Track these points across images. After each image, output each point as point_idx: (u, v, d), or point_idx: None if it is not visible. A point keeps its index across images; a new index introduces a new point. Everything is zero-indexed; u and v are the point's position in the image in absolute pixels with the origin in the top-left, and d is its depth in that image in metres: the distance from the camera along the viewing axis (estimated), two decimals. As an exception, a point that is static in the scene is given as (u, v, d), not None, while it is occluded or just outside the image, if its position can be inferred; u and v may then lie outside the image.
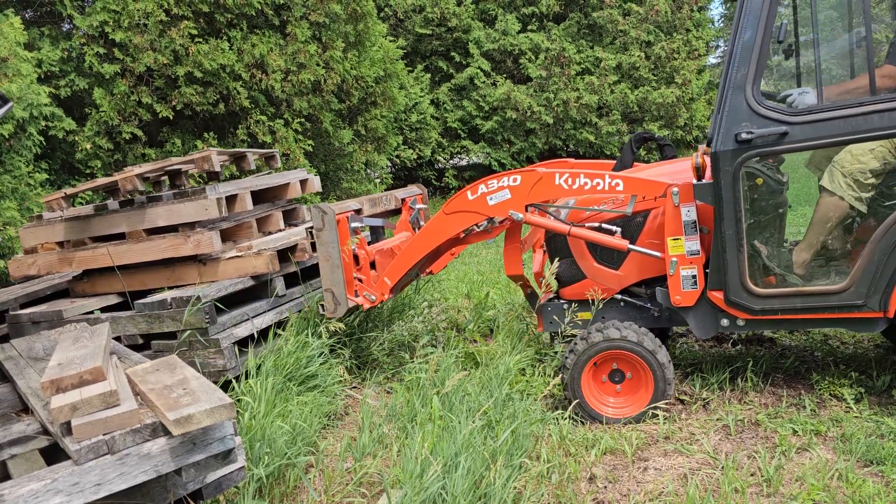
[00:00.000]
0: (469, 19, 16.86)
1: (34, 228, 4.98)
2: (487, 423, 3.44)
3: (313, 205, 4.15)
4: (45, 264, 4.93)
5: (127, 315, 4.19)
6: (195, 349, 3.97)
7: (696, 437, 3.53)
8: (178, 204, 4.40)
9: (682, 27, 17.69)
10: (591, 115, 16.69)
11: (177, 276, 4.56)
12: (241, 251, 4.42)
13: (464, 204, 4.05)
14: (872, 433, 3.35)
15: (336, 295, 4.21)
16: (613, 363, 3.77)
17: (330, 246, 4.17)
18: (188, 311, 3.92)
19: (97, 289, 4.81)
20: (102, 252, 4.62)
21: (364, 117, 11.20)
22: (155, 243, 4.47)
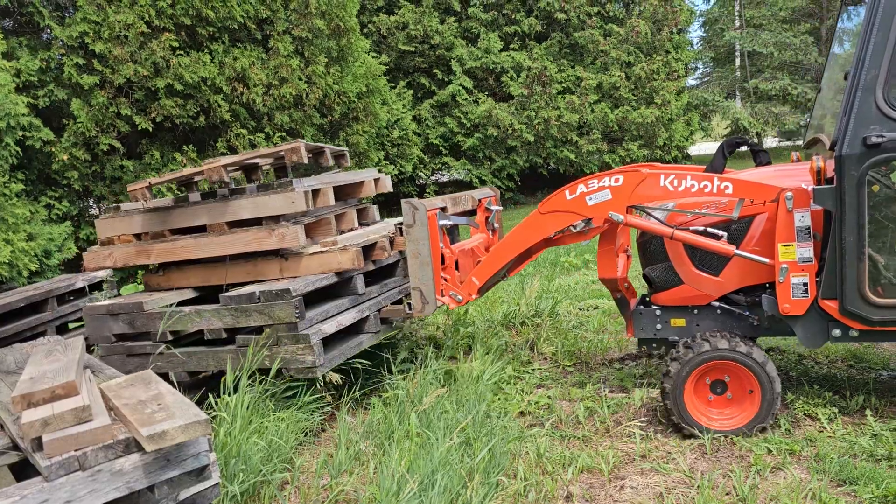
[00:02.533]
0: (452, 37, 16.98)
1: (111, 219, 4.83)
2: (465, 441, 3.43)
3: (405, 200, 4.01)
4: (122, 256, 4.80)
5: (212, 308, 4.08)
6: (282, 344, 3.88)
7: (672, 455, 3.54)
8: (263, 196, 4.28)
9: (662, 49, 17.95)
10: (572, 133, 16.84)
11: (258, 270, 4.45)
12: (325, 246, 4.30)
13: (561, 204, 3.90)
14: (846, 453, 3.38)
15: (424, 293, 4.07)
16: (717, 374, 3.65)
17: (420, 243, 4.04)
18: (278, 306, 3.82)
19: (173, 282, 4.71)
20: (183, 244, 4.51)
21: (346, 132, 11.20)
22: (238, 236, 4.37)
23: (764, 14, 22.10)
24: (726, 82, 24.56)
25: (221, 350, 4.08)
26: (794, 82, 21.13)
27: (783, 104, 21.22)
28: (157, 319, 4.18)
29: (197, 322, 4.09)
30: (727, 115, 21.59)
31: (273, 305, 3.85)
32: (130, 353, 4.30)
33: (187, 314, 4.11)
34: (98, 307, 4.38)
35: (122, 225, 4.80)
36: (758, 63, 23.10)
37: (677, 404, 3.66)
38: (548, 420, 4.03)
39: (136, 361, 4.29)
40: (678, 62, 18.40)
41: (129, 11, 8.16)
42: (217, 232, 4.43)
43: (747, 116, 20.78)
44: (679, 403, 3.66)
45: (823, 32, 21.77)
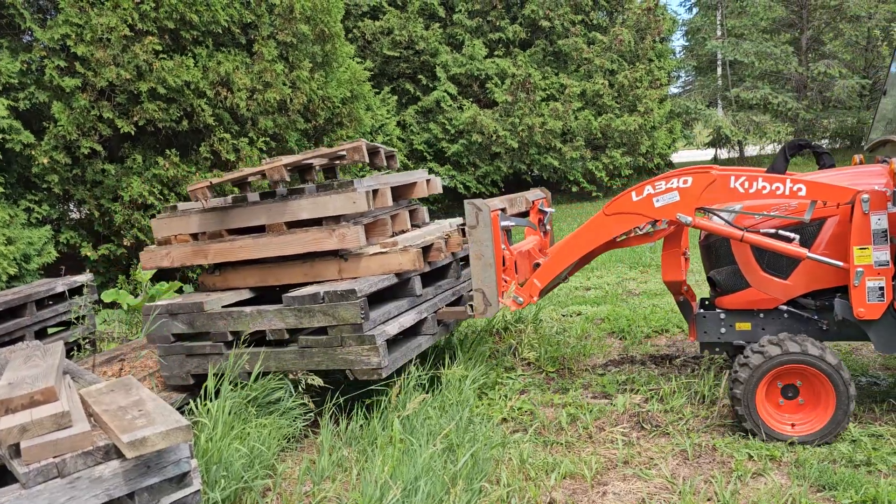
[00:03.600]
0: (436, 43, 17.02)
1: (168, 219, 4.75)
2: (448, 447, 3.43)
3: (468, 201, 3.97)
4: (179, 256, 4.71)
5: (274, 308, 4.02)
6: (346, 345, 3.84)
7: (654, 461, 3.55)
8: (323, 196, 4.22)
9: (645, 57, 18.09)
10: (556, 140, 16.92)
11: (315, 271, 4.39)
12: (385, 247, 4.26)
13: (627, 206, 3.84)
14: (825, 459, 3.41)
15: (487, 295, 4.02)
16: (789, 378, 3.60)
17: (483, 244, 3.99)
18: (343, 306, 3.77)
19: (229, 283, 4.66)
20: (241, 245, 4.45)
21: (330, 138, 11.18)
22: (297, 236, 4.31)
23: (745, 24, 22.35)
24: (708, 91, 24.80)
25: (283, 351, 4.03)
26: (774, 91, 21.37)
27: (764, 113, 21.45)
28: (218, 319, 4.14)
29: (259, 322, 4.04)
30: (709, 123, 21.79)
31: (337, 306, 3.81)
32: (190, 354, 4.25)
33: (249, 314, 4.06)
34: (156, 306, 4.32)
35: (178, 224, 4.72)
36: (739, 72, 23.35)
37: (749, 410, 3.60)
38: (531, 426, 4.03)
39: (195, 362, 4.26)
40: (661, 70, 18.56)
41: (111, 14, 8.11)
42: (276, 232, 4.38)
43: (729, 125, 20.98)
44: (751, 409, 3.60)
45: (803, 42, 22.04)
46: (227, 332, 4.14)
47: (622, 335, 5.85)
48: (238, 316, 4.10)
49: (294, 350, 3.99)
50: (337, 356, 3.85)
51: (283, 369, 4.02)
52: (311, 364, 3.93)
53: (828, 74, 20.84)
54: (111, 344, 6.24)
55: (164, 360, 4.30)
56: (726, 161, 23.41)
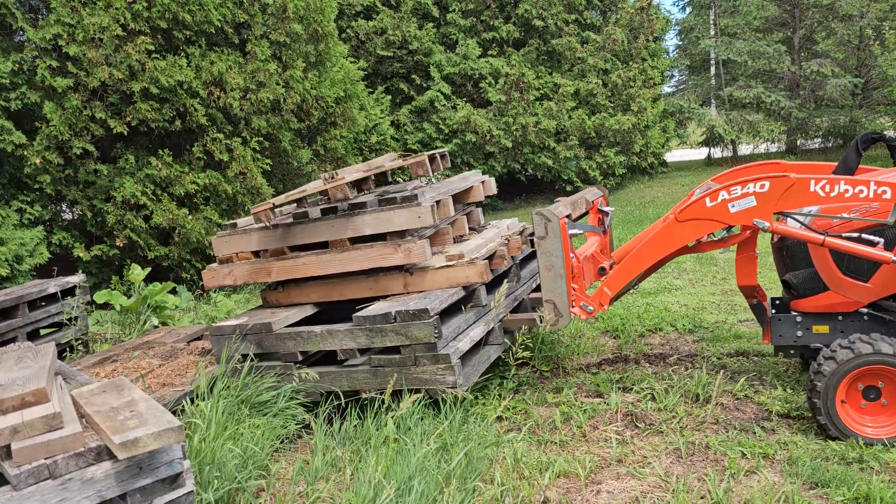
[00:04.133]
0: (430, 43, 17.01)
1: (228, 237, 4.73)
2: (442, 446, 3.43)
3: (536, 211, 3.90)
4: (242, 274, 4.71)
5: (345, 328, 3.98)
6: (420, 364, 3.80)
7: (648, 460, 3.56)
8: (387, 211, 4.20)
9: (638, 56, 18.12)
10: (550, 139, 16.93)
11: (380, 286, 4.37)
12: (451, 260, 4.23)
13: (701, 211, 3.77)
14: (818, 456, 3.42)
15: (558, 306, 3.95)
16: (871, 380, 3.52)
17: (553, 255, 3.91)
18: (415, 326, 3.74)
19: (292, 298, 4.65)
20: (304, 262, 4.44)
21: (323, 137, 11.17)
22: (361, 252, 4.29)
23: (738, 23, 22.38)
24: (701, 90, 24.83)
25: (355, 370, 3.99)
26: (767, 90, 21.41)
27: (757, 112, 21.50)
28: (287, 339, 4.12)
29: (329, 342, 4.01)
30: (703, 122, 21.82)
31: (410, 325, 3.77)
32: (263, 375, 4.20)
33: (319, 334, 4.03)
34: (224, 327, 4.29)
35: (239, 243, 4.70)
36: (732, 71, 23.40)
37: (827, 405, 3.52)
38: (525, 425, 4.04)
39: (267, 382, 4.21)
40: (654, 70, 18.59)
41: (104, 14, 8.08)
42: (339, 248, 4.36)
43: (722, 124, 21.03)
44: (829, 404, 3.52)
45: (796, 41, 22.11)
46: (297, 353, 4.12)
47: (616, 334, 5.86)
48: (308, 336, 4.07)
49: (366, 369, 3.95)
50: (411, 375, 3.82)
51: (355, 388, 3.99)
52: (384, 383, 3.86)
53: (820, 73, 20.88)
54: (104, 345, 6.23)
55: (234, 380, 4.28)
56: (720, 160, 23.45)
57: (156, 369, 4.61)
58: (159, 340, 5.48)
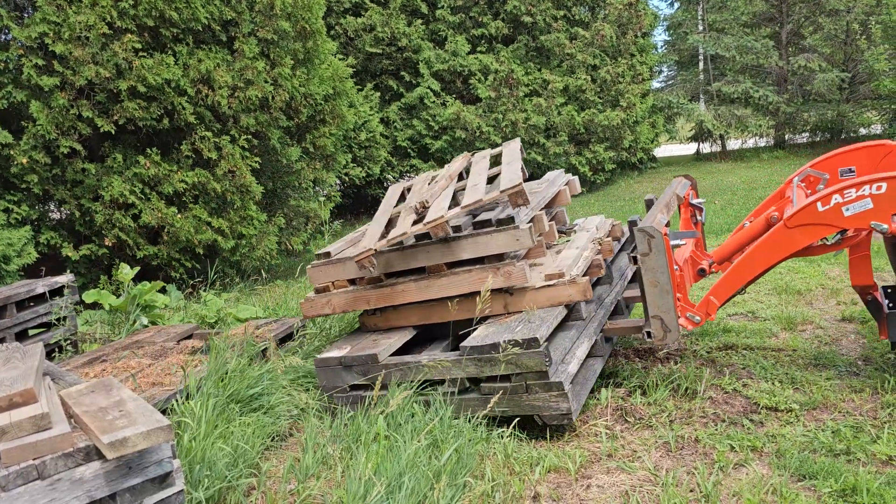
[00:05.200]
0: (419, 39, 16.99)
1: (323, 267, 4.68)
2: (433, 443, 3.44)
3: (638, 228, 3.79)
4: (341, 303, 4.69)
5: (452, 358, 3.93)
6: (532, 392, 3.73)
7: (637, 454, 3.58)
8: (484, 236, 4.16)
9: (627, 52, 18.16)
10: (539, 136, 16.95)
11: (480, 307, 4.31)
12: (551, 279, 4.17)
13: (812, 216, 3.67)
14: (805, 448, 3.45)
15: (666, 322, 3.88)
16: None
17: (658, 272, 3.82)
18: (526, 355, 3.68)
19: (391, 322, 4.62)
20: (402, 289, 4.43)
21: (313, 135, 11.14)
22: (459, 277, 4.25)
23: (726, 18, 22.44)
24: (690, 85, 24.90)
25: (466, 398, 3.93)
26: (755, 85, 21.49)
27: (745, 107, 21.58)
28: (393, 370, 4.09)
29: (437, 372, 3.97)
30: (692, 117, 21.89)
31: (521, 355, 3.70)
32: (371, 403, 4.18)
33: (426, 365, 4.00)
34: (329, 359, 4.26)
35: (335, 272, 4.64)
36: (721, 66, 23.46)
37: None
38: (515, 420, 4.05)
39: None
40: (643, 65, 18.64)
41: (90, 12, 8.03)
42: (437, 274, 4.32)
43: (711, 119, 21.10)
44: None
45: (783, 36, 22.20)
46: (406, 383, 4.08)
47: (606, 329, 5.87)
48: (415, 367, 4.03)
49: (476, 398, 3.89)
50: (523, 403, 3.76)
51: (466, 415, 3.91)
52: (495, 411, 3.79)
53: (808, 68, 20.99)
54: (93, 345, 6.20)
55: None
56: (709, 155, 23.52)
57: (145, 369, 4.59)
58: (149, 340, 5.47)
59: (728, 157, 22.33)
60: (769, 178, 16.16)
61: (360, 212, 18.34)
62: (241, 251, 9.62)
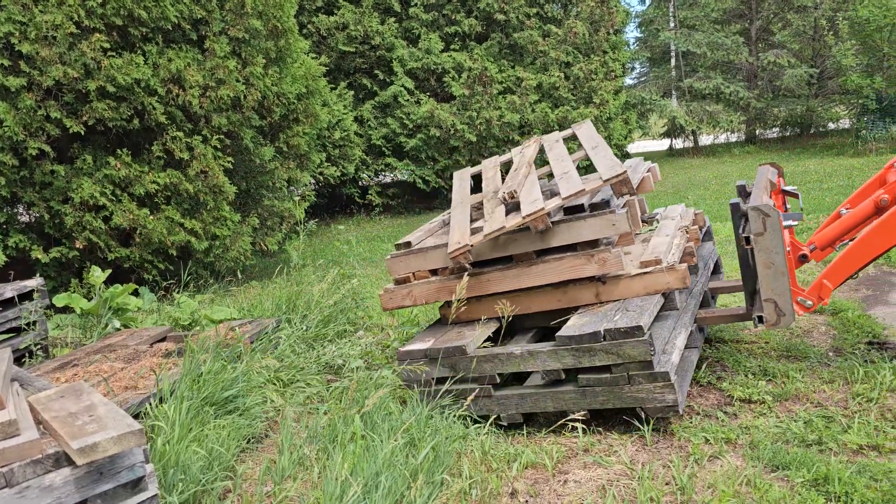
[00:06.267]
0: (392, 38, 16.95)
1: (404, 258, 4.57)
2: (410, 441, 3.43)
3: (752, 207, 3.68)
4: (423, 294, 4.54)
5: (548, 349, 3.78)
6: (635, 383, 3.59)
7: (614, 448, 3.60)
8: (577, 221, 4.01)
9: (600, 49, 18.25)
10: (514, 133, 16.98)
11: (570, 297, 4.20)
12: (648, 266, 4.04)
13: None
14: (779, 439, 3.49)
15: (780, 305, 3.78)
16: None
17: (773, 252, 3.70)
18: (629, 344, 3.54)
19: (472, 314, 4.45)
20: (488, 278, 4.28)
21: (286, 134, 11.06)
22: (550, 265, 4.10)
23: (697, 15, 22.67)
24: (662, 82, 25.13)
25: (560, 391, 3.80)
26: (726, 81, 21.74)
27: (717, 103, 21.82)
28: (484, 362, 3.96)
29: (531, 363, 3.83)
30: (664, 113, 22.10)
31: (623, 344, 3.56)
32: (457, 397, 4.06)
33: (519, 356, 3.86)
34: (414, 352, 4.13)
35: (416, 262, 4.54)
36: (692, 63, 23.69)
37: None
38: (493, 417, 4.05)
39: None
40: (616, 62, 18.74)
41: (56, 11, 7.90)
42: (526, 262, 4.18)
43: (683, 115, 21.30)
44: None
45: (753, 33, 22.45)
46: (495, 375, 3.98)
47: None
48: (507, 358, 3.91)
49: (573, 390, 3.75)
50: (624, 395, 3.64)
51: (562, 409, 3.84)
52: (594, 403, 3.70)
53: (777, 64, 21.28)
54: (65, 349, 6.11)
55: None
56: (682, 151, 23.74)
57: (118, 372, 4.53)
58: (121, 343, 5.39)
59: (700, 152, 22.56)
60: (741, 173, 16.36)
61: (336, 211, 18.26)
62: (215, 252, 9.52)
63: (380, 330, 6.18)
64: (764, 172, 4.58)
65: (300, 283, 7.18)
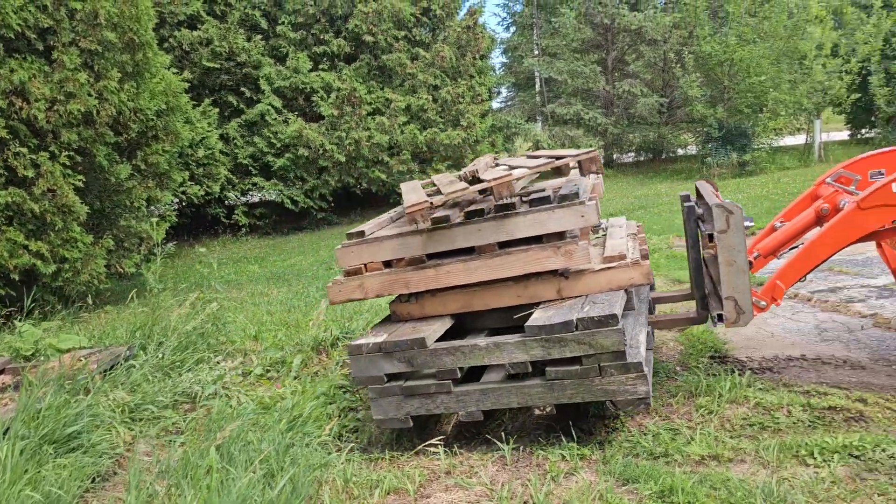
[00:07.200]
0: (259, 55, 16.64)
1: (356, 247, 4.25)
2: (269, 472, 3.33)
3: (715, 204, 3.70)
4: (375, 286, 4.23)
5: (515, 340, 3.64)
6: (607, 375, 3.52)
7: (475, 469, 3.65)
8: (545, 212, 3.85)
9: (467, 73, 18.70)
10: (383, 154, 17.06)
11: (530, 292, 4.03)
12: (612, 261, 3.96)
13: (887, 197, 3.71)
14: (629, 453, 3.65)
15: (740, 303, 3.81)
16: None
17: (736, 250, 3.76)
18: (601, 334, 3.46)
19: (426, 311, 4.21)
20: (448, 270, 4.04)
21: (144, 152, 10.56)
22: (514, 257, 3.92)
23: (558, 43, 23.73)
24: (527, 106, 26.07)
25: (527, 385, 3.69)
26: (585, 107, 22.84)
27: (577, 128, 22.87)
28: (444, 356, 3.78)
29: (496, 356, 3.68)
30: (529, 137, 22.90)
31: (595, 333, 3.48)
32: (411, 394, 3.84)
33: (483, 348, 3.70)
34: (366, 346, 3.88)
35: (369, 252, 4.25)
36: (555, 89, 24.75)
37: None
38: (357, 443, 4.01)
39: (416, 403, 3.88)
40: (482, 86, 19.26)
41: None
42: (488, 254, 4.00)
43: (546, 138, 22.14)
44: None
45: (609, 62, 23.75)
46: (456, 369, 3.79)
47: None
48: (470, 350, 3.73)
49: (540, 384, 3.66)
50: (594, 388, 3.58)
51: (528, 404, 3.71)
52: (562, 398, 3.63)
53: (631, 93, 22.61)
54: None
55: (376, 402, 3.91)
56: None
57: (-56, 411, 4.13)
58: (-50, 378, 4.93)
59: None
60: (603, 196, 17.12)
61: (200, 232, 17.60)
62: (64, 276, 8.91)
63: (243, 355, 5.98)
64: (706, 186, 4.83)
65: (158, 308, 6.84)
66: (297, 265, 12.09)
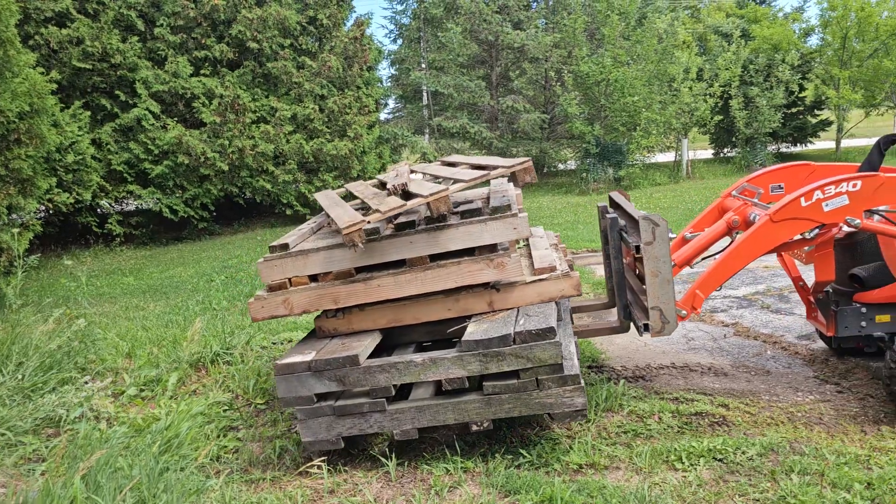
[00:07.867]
0: (135, 57, 15.92)
1: (279, 261, 4.02)
2: (139, 501, 3.17)
3: (643, 216, 3.73)
4: (301, 301, 4.02)
5: (452, 355, 3.58)
6: (545, 388, 3.52)
7: (359, 487, 3.61)
8: (477, 225, 3.81)
9: (354, 84, 18.63)
10: (268, 163, 16.71)
11: (462, 305, 3.97)
12: (543, 273, 3.96)
13: (796, 211, 3.89)
14: (511, 465, 3.73)
15: (665, 313, 3.88)
16: None
17: (661, 261, 3.82)
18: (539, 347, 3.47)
19: (354, 326, 4.06)
20: (379, 283, 3.92)
21: (6, 156, 9.86)
22: (447, 270, 3.86)
23: (445, 58, 24.06)
24: (415, 119, 26.26)
25: (463, 401, 3.59)
26: (471, 121, 23.26)
27: (463, 141, 23.25)
28: (378, 373, 3.66)
29: (433, 372, 3.56)
30: (416, 149, 23.03)
31: (533, 347, 3.46)
32: (343, 414, 3.59)
33: (420, 364, 3.60)
34: (295, 365, 3.61)
35: (294, 266, 4.02)
36: (441, 102, 25.06)
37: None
38: (236, 464, 3.89)
39: (349, 423, 3.66)
40: (369, 98, 19.24)
41: None
42: (420, 267, 3.90)
43: (433, 151, 22.35)
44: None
45: (494, 78, 24.30)
46: (390, 387, 3.60)
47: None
48: (406, 367, 3.57)
49: (477, 399, 3.57)
50: (532, 401, 3.56)
51: (464, 420, 3.59)
52: (499, 412, 3.59)
53: (514, 108, 23.22)
54: None
55: (305, 424, 3.66)
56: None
57: None
58: None
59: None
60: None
61: (69, 241, 16.59)
62: None
63: (114, 374, 5.67)
64: (623, 198, 4.96)
65: (18, 326, 6.38)
66: (177, 277, 11.61)
